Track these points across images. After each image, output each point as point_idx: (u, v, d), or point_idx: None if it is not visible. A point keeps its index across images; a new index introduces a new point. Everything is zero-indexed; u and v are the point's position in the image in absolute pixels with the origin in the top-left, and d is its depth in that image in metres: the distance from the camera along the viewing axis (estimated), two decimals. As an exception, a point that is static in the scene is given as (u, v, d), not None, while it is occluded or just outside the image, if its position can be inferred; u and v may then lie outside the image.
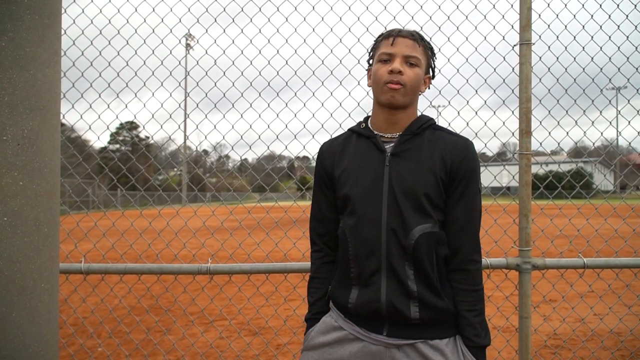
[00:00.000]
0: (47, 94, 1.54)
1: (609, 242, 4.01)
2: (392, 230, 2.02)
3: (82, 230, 3.87)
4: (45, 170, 1.53)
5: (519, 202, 3.26)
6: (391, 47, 2.10)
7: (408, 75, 2.08)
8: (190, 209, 4.27)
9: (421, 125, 2.16)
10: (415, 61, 2.10)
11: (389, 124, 2.16)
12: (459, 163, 2.09)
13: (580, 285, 7.51)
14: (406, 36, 2.11)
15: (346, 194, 2.13)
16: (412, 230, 2.01)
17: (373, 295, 2.04)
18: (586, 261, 3.24)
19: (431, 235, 2.05)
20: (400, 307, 2.00)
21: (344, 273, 2.14)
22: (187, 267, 3.30)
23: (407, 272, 2.02)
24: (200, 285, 4.06)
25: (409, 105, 2.16)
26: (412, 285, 2.01)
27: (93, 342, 5.97)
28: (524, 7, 3.25)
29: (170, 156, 14.85)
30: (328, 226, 2.29)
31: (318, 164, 2.31)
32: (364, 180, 2.10)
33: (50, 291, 1.56)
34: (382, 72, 2.10)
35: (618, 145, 5.49)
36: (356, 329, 2.10)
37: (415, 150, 2.11)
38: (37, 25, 1.52)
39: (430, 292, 2.03)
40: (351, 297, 2.09)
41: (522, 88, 3.24)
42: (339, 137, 2.33)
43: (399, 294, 2.01)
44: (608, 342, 5.59)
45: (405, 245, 2.01)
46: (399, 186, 2.04)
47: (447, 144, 2.12)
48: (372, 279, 2.05)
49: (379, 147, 2.14)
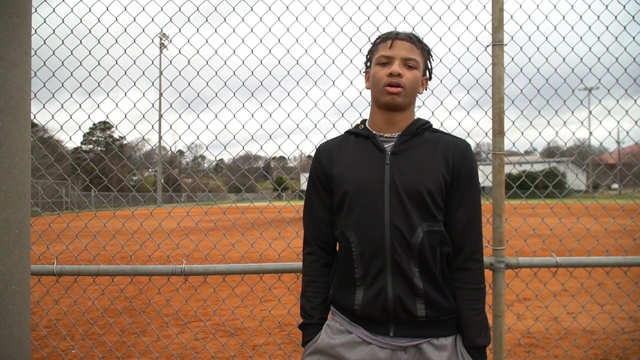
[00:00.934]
0: (16, 93, 1.52)
1: (582, 241, 4.07)
2: (396, 227, 2.03)
3: (54, 232, 3.82)
4: (15, 171, 1.51)
5: (492, 202, 3.30)
6: (390, 50, 2.13)
7: (407, 78, 2.12)
8: (165, 210, 4.24)
9: (420, 126, 2.19)
10: (413, 63, 2.14)
11: (388, 124, 2.19)
12: (460, 164, 2.13)
13: (554, 284, 7.60)
14: (404, 39, 2.14)
15: (345, 192, 2.13)
16: (418, 229, 2.03)
17: (380, 293, 2.04)
18: (559, 260, 3.29)
19: (436, 234, 2.07)
20: (407, 303, 2.02)
21: (347, 275, 2.14)
22: (161, 268, 3.27)
23: (412, 269, 2.03)
24: (174, 286, 4.03)
25: (408, 107, 2.19)
26: (418, 282, 2.03)
27: (66, 344, 5.89)
28: (496, 8, 3.28)
29: (144, 157, 14.66)
30: (322, 228, 2.28)
31: (314, 163, 2.30)
32: (364, 178, 2.11)
33: (21, 293, 1.54)
34: (381, 75, 2.13)
35: (590, 145, 5.56)
36: (363, 332, 2.10)
37: (416, 149, 2.14)
38: (6, 25, 1.50)
39: (435, 290, 2.06)
40: (357, 299, 2.09)
41: (495, 88, 3.27)
42: (335, 138, 2.34)
43: (406, 291, 2.03)
44: (581, 340, 5.68)
45: (411, 243, 2.02)
46: (401, 184, 2.06)
47: (449, 145, 2.16)
48: (378, 278, 2.05)
49: (378, 146, 2.16)
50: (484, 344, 2.09)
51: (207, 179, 36.47)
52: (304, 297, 2.28)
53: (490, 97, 3.34)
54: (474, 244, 2.15)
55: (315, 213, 2.28)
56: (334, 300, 2.21)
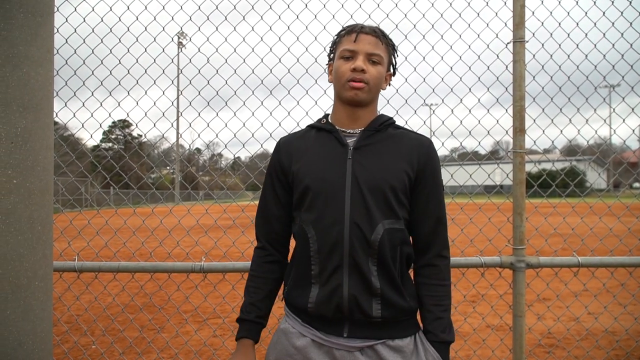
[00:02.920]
0: (40, 92, 1.54)
1: (604, 241, 4.02)
2: (356, 224, 1.98)
3: (75, 229, 3.86)
4: (38, 169, 1.52)
5: (513, 201, 3.27)
6: (354, 44, 2.07)
7: (371, 74, 2.07)
8: (184, 207, 4.26)
9: (383, 122, 2.15)
10: (377, 59, 2.08)
11: (351, 120, 2.14)
12: (425, 160, 2.09)
13: (575, 284, 7.53)
14: (369, 33, 2.09)
15: (306, 187, 2.07)
16: (378, 225, 1.99)
17: (334, 291, 1.98)
18: (580, 260, 3.25)
19: (396, 232, 2.03)
20: (362, 303, 1.96)
21: (303, 271, 2.07)
22: (180, 265, 3.29)
23: (370, 267, 1.98)
24: (193, 283, 4.05)
25: (371, 102, 2.15)
26: (375, 282, 1.98)
27: (87, 339, 5.95)
28: (517, 4, 3.25)
29: (163, 154, 14.74)
30: (274, 225, 2.23)
31: (274, 158, 2.24)
32: (325, 173, 2.06)
33: (44, 289, 1.56)
34: (344, 70, 2.08)
35: (611, 143, 5.50)
36: (315, 334, 2.03)
37: (379, 146, 2.10)
38: (30, 24, 1.51)
39: (392, 290, 2.01)
40: (311, 297, 2.03)
41: (516, 86, 3.24)
42: (297, 133, 2.28)
43: (362, 290, 1.97)
44: (603, 341, 5.62)
45: (371, 241, 1.97)
46: (363, 180, 2.01)
47: (412, 142, 2.12)
48: (334, 275, 1.99)
49: (340, 141, 2.11)
50: (449, 340, 2.05)
51: (224, 177, 36.59)
52: (247, 291, 2.23)
53: (511, 94, 3.31)
54: (441, 242, 2.13)
55: (268, 209, 2.23)
56: (288, 300, 2.15)
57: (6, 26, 1.45)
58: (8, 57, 1.45)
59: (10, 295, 1.44)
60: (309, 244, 2.05)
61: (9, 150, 1.44)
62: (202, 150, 40.55)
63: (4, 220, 1.43)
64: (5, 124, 1.43)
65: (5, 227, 1.43)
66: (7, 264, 1.43)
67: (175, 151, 30.95)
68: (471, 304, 7.03)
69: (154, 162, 23.50)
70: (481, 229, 4.11)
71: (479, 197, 4.55)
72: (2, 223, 1.43)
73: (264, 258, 2.25)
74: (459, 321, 6.52)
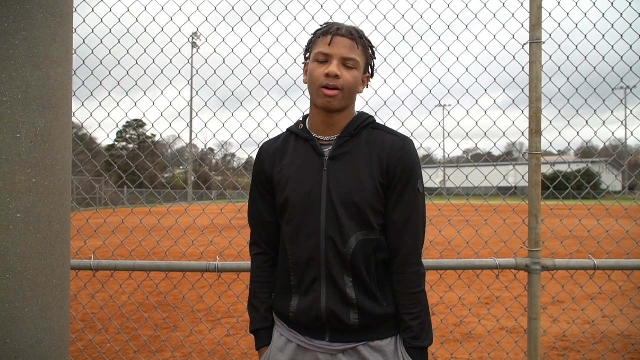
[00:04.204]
0: (59, 92, 1.55)
1: (620, 243, 3.99)
2: (330, 238, 1.97)
3: (91, 227, 3.89)
4: (57, 168, 1.54)
5: (528, 203, 3.25)
6: (329, 48, 1.99)
7: (345, 79, 1.98)
8: (198, 207, 4.27)
9: (358, 125, 2.08)
10: (353, 64, 2.00)
11: (326, 126, 2.09)
12: (395, 163, 2.02)
13: (590, 287, 7.47)
14: (345, 35, 2.00)
15: (285, 200, 2.06)
16: (350, 239, 1.97)
17: (313, 303, 1.99)
18: (596, 262, 3.23)
19: (369, 242, 2.00)
20: (339, 314, 1.97)
21: (284, 282, 2.09)
22: (195, 264, 3.31)
23: (345, 279, 1.98)
24: (208, 282, 4.06)
25: (346, 108, 2.07)
26: (350, 293, 1.98)
27: (102, 337, 6.00)
28: (534, 5, 3.23)
29: (178, 154, 14.81)
30: (269, 230, 2.21)
31: (257, 166, 2.21)
32: (303, 186, 2.04)
33: (61, 287, 1.57)
34: (318, 74, 2.00)
35: (627, 145, 5.46)
36: (300, 338, 2.06)
37: (353, 154, 2.05)
38: (50, 24, 1.53)
39: (368, 299, 2.00)
40: (292, 306, 2.05)
41: (532, 87, 3.22)
42: (278, 138, 2.24)
43: (338, 302, 1.98)
44: (618, 344, 5.57)
45: (343, 254, 1.96)
46: (336, 193, 1.99)
47: (384, 145, 2.05)
48: (312, 287, 2.00)
49: (317, 150, 2.07)
50: (423, 346, 2.03)
51: (237, 177, 36.69)
52: (257, 298, 2.22)
53: (527, 96, 3.29)
54: (410, 247, 2.05)
55: (261, 215, 2.21)
56: (274, 306, 2.17)
57: (26, 26, 1.47)
58: (28, 57, 1.46)
59: (28, 293, 1.46)
60: (288, 256, 2.06)
61: (28, 150, 1.45)
62: (215, 150, 40.57)
63: (23, 219, 1.44)
64: (25, 123, 1.45)
65: (25, 225, 1.45)
66: (25, 262, 1.45)
67: (189, 152, 31.10)
68: (485, 305, 7.00)
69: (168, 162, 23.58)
70: (496, 230, 4.09)
71: (494, 198, 4.53)
72: (22, 221, 1.44)
73: (267, 262, 2.24)
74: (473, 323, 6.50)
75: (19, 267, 1.44)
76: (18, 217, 1.44)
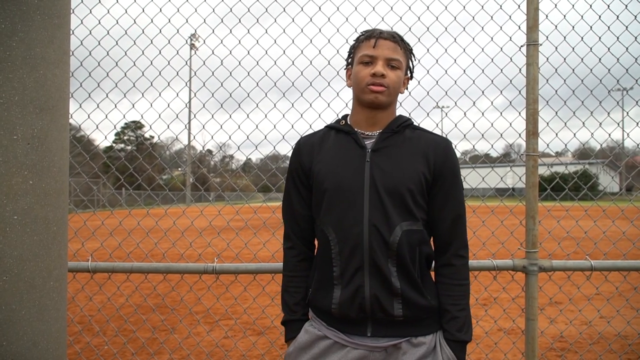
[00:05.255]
0: (56, 93, 1.55)
1: (617, 244, 3.99)
2: (375, 226, 2.02)
3: (89, 229, 3.89)
4: (54, 170, 1.54)
5: (525, 204, 3.26)
6: (373, 50, 2.10)
7: (390, 78, 2.10)
8: (196, 209, 4.27)
9: (401, 123, 2.17)
10: (396, 64, 2.12)
11: (370, 123, 2.17)
12: (442, 161, 2.11)
13: (587, 288, 7.48)
14: (388, 38, 2.12)
15: (325, 189, 2.11)
16: (395, 228, 2.02)
17: (357, 292, 2.03)
18: (593, 263, 3.23)
19: (414, 233, 2.06)
20: (384, 302, 2.01)
21: (325, 273, 2.12)
22: (193, 266, 3.31)
23: (389, 268, 2.02)
24: (206, 284, 4.07)
25: (390, 106, 2.17)
26: (395, 282, 2.02)
27: (99, 340, 5.99)
28: (531, 7, 3.24)
29: (176, 156, 14.83)
30: (301, 224, 2.27)
31: (294, 159, 2.28)
32: (344, 175, 2.10)
33: (58, 289, 1.57)
34: (364, 74, 2.11)
35: (623, 146, 5.47)
36: (340, 336, 2.09)
37: (396, 147, 2.12)
38: (47, 26, 1.53)
39: (412, 289, 2.05)
40: (334, 298, 2.08)
41: (529, 89, 3.23)
42: (316, 133, 2.31)
43: (383, 291, 2.02)
44: (615, 345, 5.57)
45: (389, 242, 2.01)
46: (381, 182, 2.05)
47: (429, 143, 2.14)
48: (355, 277, 2.04)
49: (359, 142, 2.14)
50: (465, 339, 2.08)
51: (235, 178, 36.66)
52: (287, 292, 2.27)
53: (524, 97, 3.30)
54: (460, 241, 2.16)
55: (295, 209, 2.27)
56: (312, 302, 2.20)
57: (23, 28, 1.47)
58: (25, 58, 1.46)
59: (25, 295, 1.46)
60: (330, 246, 2.10)
61: (25, 151, 1.46)
62: (213, 152, 40.59)
63: (20, 221, 1.45)
64: (22, 125, 1.45)
65: (21, 227, 1.45)
66: (22, 264, 1.45)
67: (188, 153, 31.07)
68: (483, 307, 7.01)
69: (166, 164, 23.56)
70: (493, 232, 4.10)
71: (491, 199, 4.52)
72: (18, 223, 1.44)
73: (298, 257, 2.29)
74: (470, 324, 6.49)
75: (15, 269, 1.44)
76: (15, 219, 1.44)
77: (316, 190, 2.17)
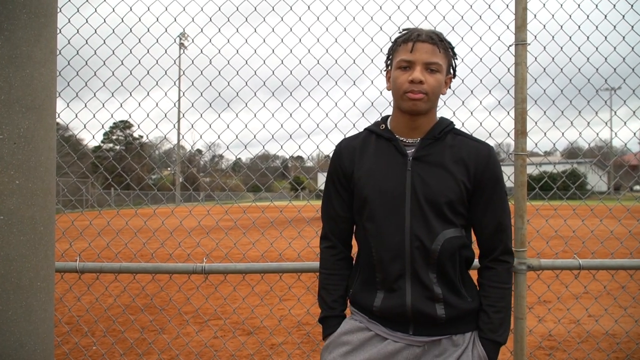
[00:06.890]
0: (42, 92, 1.54)
1: (605, 243, 4.02)
2: (416, 235, 2.03)
3: (77, 229, 3.87)
4: (41, 169, 1.53)
5: (514, 203, 3.26)
6: (410, 54, 2.04)
7: (429, 84, 2.04)
8: (185, 209, 4.26)
9: (442, 129, 2.15)
10: (436, 67, 2.05)
11: (410, 129, 2.15)
12: (483, 169, 2.10)
13: (576, 287, 7.51)
14: (425, 41, 2.04)
15: (366, 197, 2.11)
16: (438, 236, 2.03)
17: (398, 299, 2.05)
18: (581, 262, 3.25)
19: (455, 240, 2.07)
20: (426, 310, 2.03)
21: (369, 277, 2.15)
22: (182, 266, 3.29)
23: (430, 276, 2.04)
24: (195, 284, 4.06)
25: (430, 110, 2.13)
26: (436, 289, 2.04)
27: (88, 340, 5.95)
28: (520, 7, 3.24)
29: (165, 155, 14.74)
30: (340, 225, 2.28)
31: (335, 162, 2.27)
32: (385, 184, 2.09)
33: (46, 290, 1.56)
34: (402, 81, 2.05)
35: (612, 146, 5.50)
36: (382, 329, 2.11)
37: (438, 155, 2.11)
38: (33, 24, 1.51)
39: (453, 294, 2.07)
40: (376, 301, 2.10)
41: (518, 89, 3.24)
42: (357, 136, 2.29)
43: (425, 298, 2.04)
44: (603, 343, 5.61)
45: (431, 251, 2.02)
46: (422, 192, 2.04)
47: (470, 151, 2.12)
48: (397, 284, 2.06)
49: (400, 150, 2.12)
50: (499, 341, 2.10)
51: (225, 178, 36.58)
52: (325, 289, 2.28)
53: (513, 97, 3.31)
54: (502, 247, 2.16)
55: (335, 210, 2.27)
56: (354, 300, 2.22)
57: (9, 26, 1.45)
58: (11, 57, 1.45)
59: (12, 296, 1.45)
60: (372, 252, 2.11)
61: (11, 151, 1.44)
62: (202, 151, 40.55)
63: (6, 221, 1.43)
64: (8, 124, 1.44)
65: (8, 227, 1.43)
66: (9, 264, 1.44)
67: (177, 152, 30.96)
68: (472, 306, 7.02)
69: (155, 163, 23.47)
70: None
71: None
72: (5, 224, 1.43)
73: (337, 256, 2.31)
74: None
75: (1, 270, 1.42)
76: (1, 219, 1.42)
77: (357, 197, 2.17)
